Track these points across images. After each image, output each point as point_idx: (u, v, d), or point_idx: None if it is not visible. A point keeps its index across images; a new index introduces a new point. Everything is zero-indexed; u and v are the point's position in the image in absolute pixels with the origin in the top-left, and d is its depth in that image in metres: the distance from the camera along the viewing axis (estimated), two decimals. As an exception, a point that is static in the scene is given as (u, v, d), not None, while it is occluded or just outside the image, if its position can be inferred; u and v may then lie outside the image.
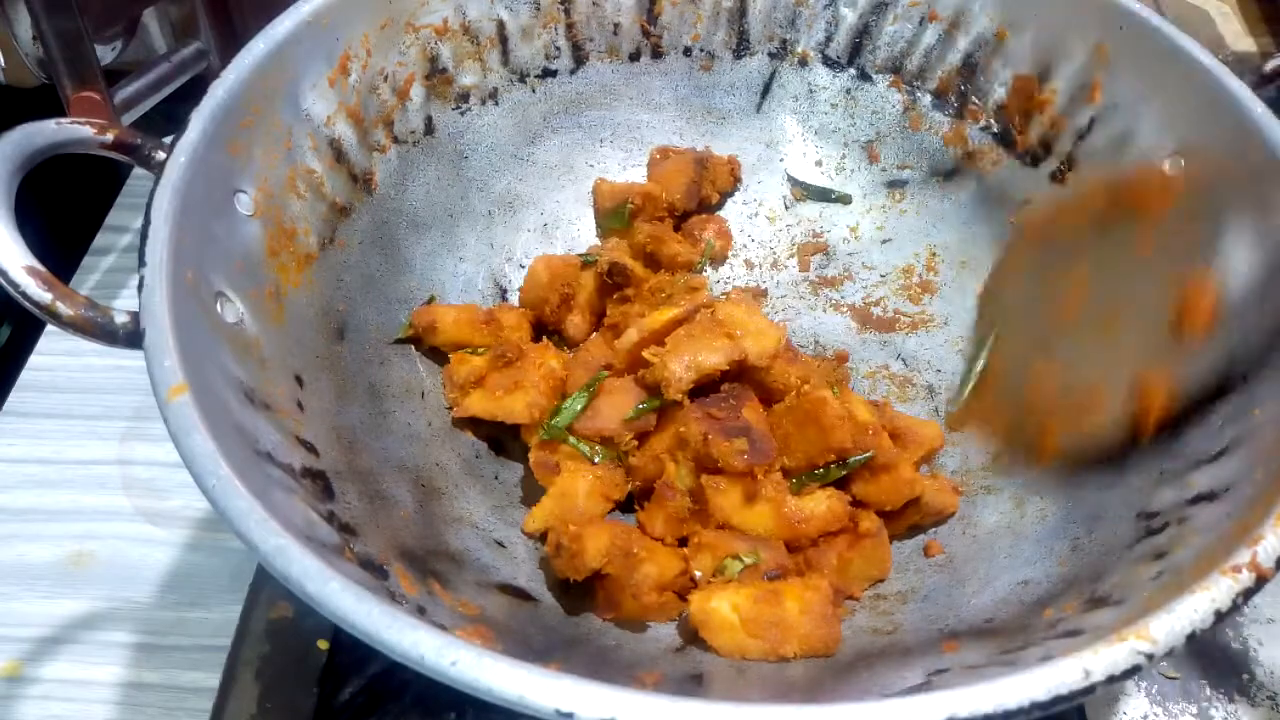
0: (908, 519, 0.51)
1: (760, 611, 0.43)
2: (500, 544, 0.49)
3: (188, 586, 0.54)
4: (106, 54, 0.64)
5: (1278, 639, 0.52)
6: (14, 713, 0.50)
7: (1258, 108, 0.48)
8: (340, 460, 0.45)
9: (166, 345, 0.38)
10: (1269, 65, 0.50)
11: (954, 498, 0.51)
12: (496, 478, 0.52)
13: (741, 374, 0.49)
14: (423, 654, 0.32)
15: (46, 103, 0.59)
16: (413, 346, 0.54)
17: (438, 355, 0.54)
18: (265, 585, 0.50)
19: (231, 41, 0.65)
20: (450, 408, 0.53)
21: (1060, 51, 0.55)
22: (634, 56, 0.61)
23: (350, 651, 0.49)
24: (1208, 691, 0.51)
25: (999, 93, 0.58)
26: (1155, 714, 0.50)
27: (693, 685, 0.42)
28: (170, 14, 0.67)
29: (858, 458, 0.48)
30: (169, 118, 0.62)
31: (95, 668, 0.51)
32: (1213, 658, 0.52)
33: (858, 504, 0.49)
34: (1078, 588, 0.42)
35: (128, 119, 0.61)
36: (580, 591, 0.47)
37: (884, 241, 0.61)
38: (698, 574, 0.47)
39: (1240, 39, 0.69)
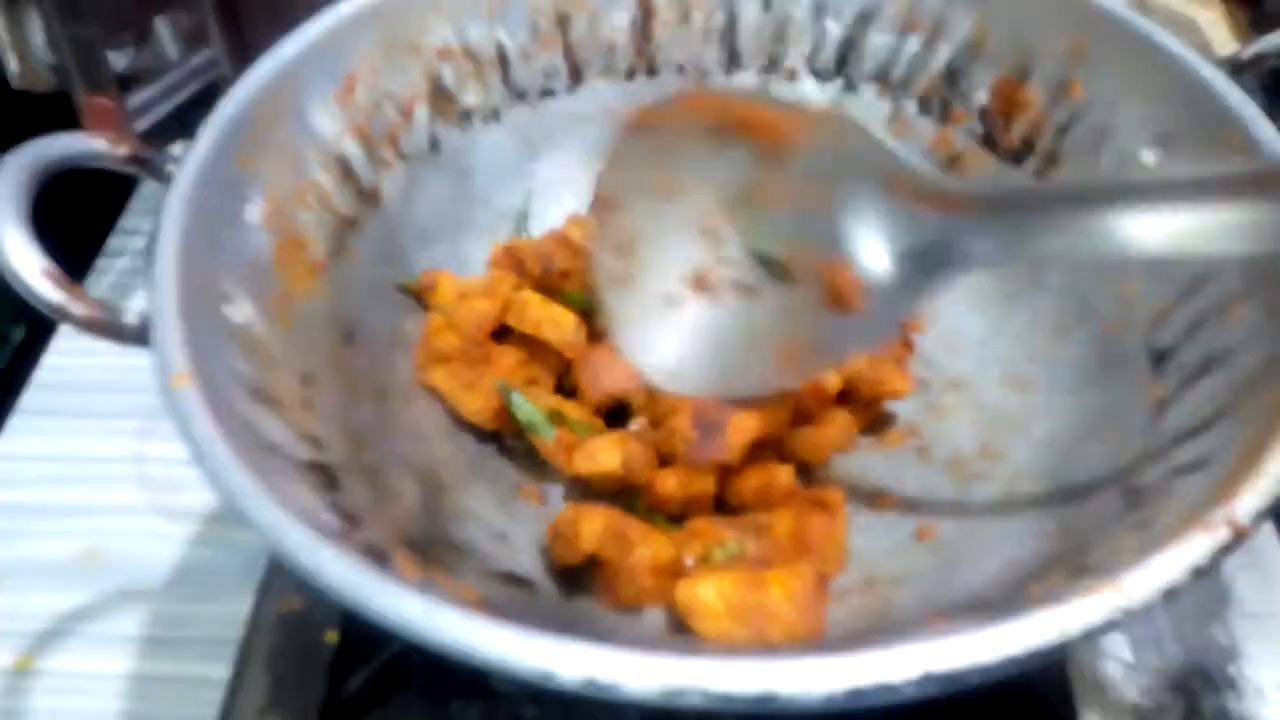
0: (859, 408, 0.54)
1: (745, 598, 0.44)
2: (502, 535, 0.50)
3: (199, 580, 0.55)
4: (119, 60, 0.66)
5: (1266, 632, 0.53)
6: (27, 704, 0.51)
7: (1232, 93, 0.49)
8: (346, 456, 0.47)
9: (172, 338, 0.40)
10: (1245, 53, 0.52)
11: (904, 380, 0.54)
12: (501, 474, 0.53)
13: None
14: (407, 619, 0.33)
15: (59, 108, 0.63)
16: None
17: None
18: (275, 579, 0.52)
19: (241, 50, 0.67)
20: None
21: (1038, 51, 0.56)
22: (630, 75, 0.63)
23: (359, 642, 0.50)
24: (1196, 684, 0.51)
25: (981, 96, 0.59)
26: (1144, 706, 0.50)
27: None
28: (181, 23, 0.69)
29: None
30: (181, 124, 0.64)
31: (107, 660, 0.53)
32: (1201, 650, 0.52)
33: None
34: (1064, 562, 0.43)
35: (140, 125, 0.63)
36: (579, 579, 0.48)
37: (874, 245, 0.62)
38: (689, 561, 0.48)
39: (1227, 45, 0.70)
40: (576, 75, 0.62)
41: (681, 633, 0.45)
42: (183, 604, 0.54)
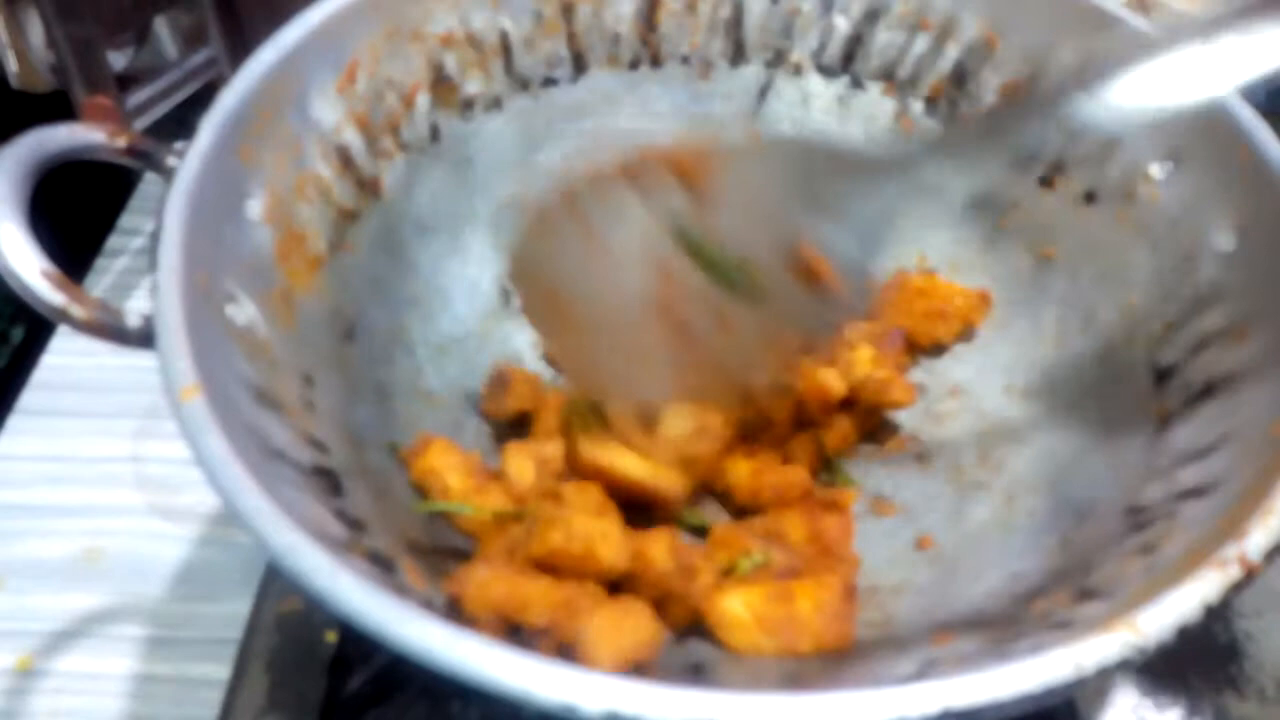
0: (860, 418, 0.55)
1: (773, 609, 0.45)
2: (508, 541, 0.50)
3: (199, 581, 0.55)
4: (118, 60, 0.65)
5: (1266, 632, 0.53)
6: (27, 705, 0.51)
7: (1243, 111, 0.49)
8: (349, 458, 0.47)
9: (179, 347, 0.39)
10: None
11: (907, 392, 0.54)
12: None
13: None
14: (430, 648, 0.33)
15: (59, 107, 0.61)
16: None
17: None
18: (275, 579, 0.51)
19: (241, 49, 0.66)
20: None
21: (1049, 57, 0.56)
22: (634, 65, 0.62)
23: (358, 642, 0.50)
24: (1197, 684, 0.52)
25: (989, 99, 0.59)
26: (1145, 705, 0.51)
27: (693, 675, 0.43)
28: (180, 22, 0.68)
29: None
30: (179, 123, 0.63)
31: (107, 661, 0.53)
32: (1202, 650, 0.53)
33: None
34: (1067, 581, 0.43)
35: (139, 124, 0.62)
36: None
37: (876, 244, 0.62)
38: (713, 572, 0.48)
39: (1227, 46, 0.70)
40: (580, 64, 0.61)
41: (698, 638, 0.46)
42: (182, 604, 0.54)
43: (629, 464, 0.49)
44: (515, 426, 0.55)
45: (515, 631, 0.43)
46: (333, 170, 0.52)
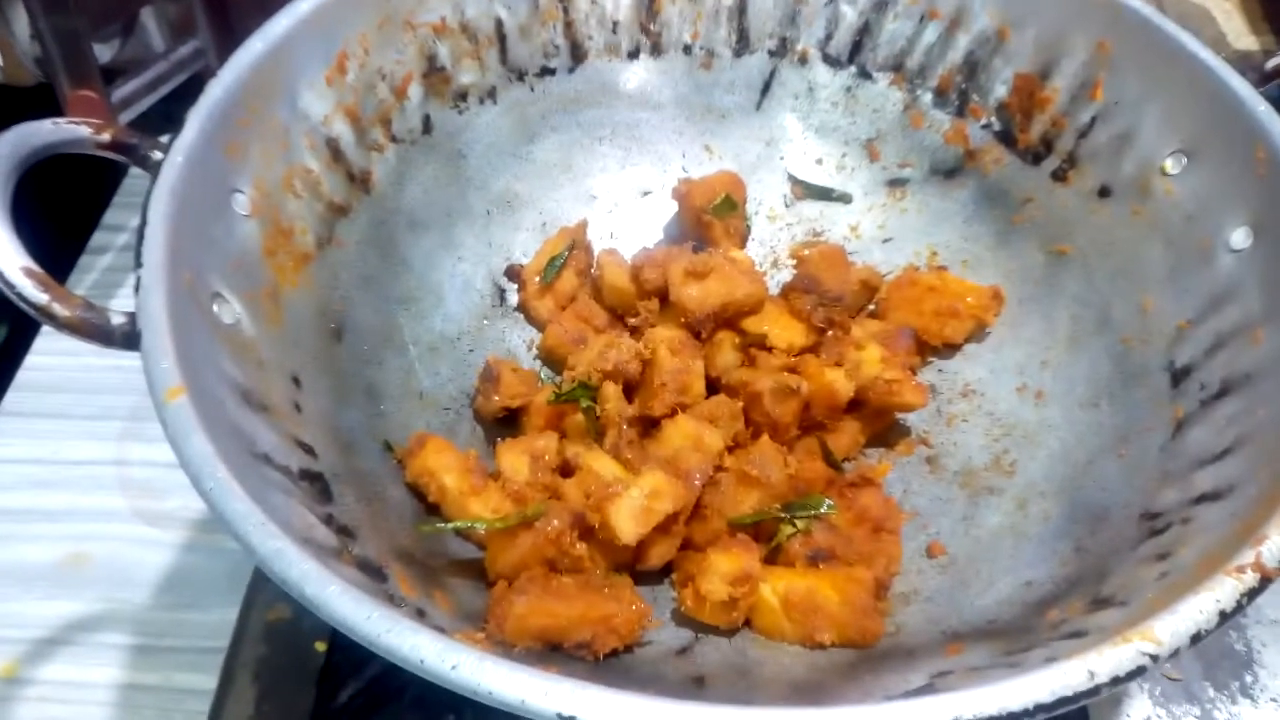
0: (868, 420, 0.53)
1: (801, 598, 0.45)
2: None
3: (185, 588, 0.54)
4: (104, 52, 0.64)
5: (1280, 640, 0.52)
6: (11, 714, 0.50)
7: (1260, 106, 0.48)
8: (338, 462, 0.45)
9: (164, 347, 0.38)
10: (1270, 63, 0.50)
11: (918, 393, 0.52)
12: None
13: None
14: (423, 658, 0.32)
15: (44, 101, 0.60)
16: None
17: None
18: (263, 587, 0.50)
19: (228, 40, 0.65)
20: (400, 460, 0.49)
21: (1062, 49, 0.54)
22: (633, 54, 0.60)
23: (348, 653, 0.49)
24: (1211, 693, 0.51)
25: (1000, 91, 0.57)
26: (1158, 715, 0.50)
27: (693, 688, 0.42)
28: (168, 13, 0.67)
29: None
30: (166, 117, 0.62)
31: (92, 669, 0.52)
32: (1216, 659, 0.52)
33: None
34: (1081, 588, 0.42)
35: (125, 118, 0.61)
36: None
37: (885, 240, 0.60)
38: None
39: (1242, 37, 0.69)
40: (577, 54, 0.60)
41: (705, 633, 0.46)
42: (167, 611, 0.53)
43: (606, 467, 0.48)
44: (505, 424, 0.53)
45: (555, 648, 0.42)
46: (322, 163, 0.51)
